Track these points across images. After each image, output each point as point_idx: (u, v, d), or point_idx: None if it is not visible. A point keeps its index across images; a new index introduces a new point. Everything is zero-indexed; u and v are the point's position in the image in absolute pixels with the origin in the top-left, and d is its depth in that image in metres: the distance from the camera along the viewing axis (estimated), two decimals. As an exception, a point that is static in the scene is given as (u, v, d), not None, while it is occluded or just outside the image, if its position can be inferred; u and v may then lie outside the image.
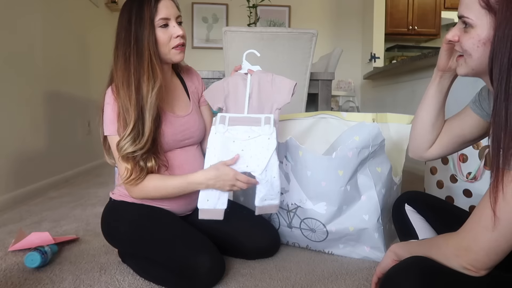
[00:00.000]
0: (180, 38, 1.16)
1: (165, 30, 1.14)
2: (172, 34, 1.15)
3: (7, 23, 2.07)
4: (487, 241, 0.67)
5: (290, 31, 1.92)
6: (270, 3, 3.88)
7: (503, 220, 0.65)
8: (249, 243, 1.25)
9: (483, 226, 0.68)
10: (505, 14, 0.66)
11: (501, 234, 0.66)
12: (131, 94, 1.10)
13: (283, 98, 1.21)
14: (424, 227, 1.06)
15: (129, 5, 1.14)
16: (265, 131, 1.11)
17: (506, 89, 0.66)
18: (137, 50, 1.11)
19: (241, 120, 1.15)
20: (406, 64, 2.98)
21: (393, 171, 1.32)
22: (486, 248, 0.67)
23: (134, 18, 1.12)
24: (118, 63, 1.13)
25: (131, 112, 1.09)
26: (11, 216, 1.84)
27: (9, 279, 1.13)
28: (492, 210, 0.66)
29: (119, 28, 1.15)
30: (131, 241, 1.16)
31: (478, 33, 0.71)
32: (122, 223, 1.18)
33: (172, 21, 1.15)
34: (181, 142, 1.24)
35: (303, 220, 1.31)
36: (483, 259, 0.67)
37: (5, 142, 2.03)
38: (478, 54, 0.72)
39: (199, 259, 1.04)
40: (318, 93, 2.12)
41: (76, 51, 3.02)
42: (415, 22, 4.54)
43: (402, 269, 0.74)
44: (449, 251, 0.72)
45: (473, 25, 0.71)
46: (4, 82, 2.02)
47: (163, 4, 1.13)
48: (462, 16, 0.73)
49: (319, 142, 1.50)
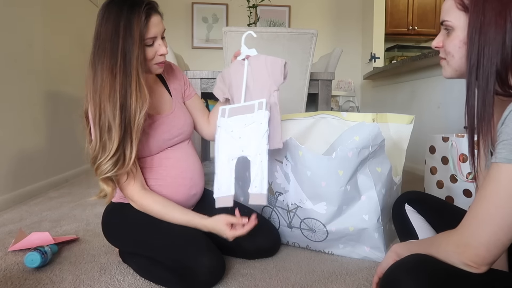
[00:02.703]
0: (163, 56, 1.15)
1: (151, 48, 1.11)
2: (157, 51, 1.12)
3: (7, 23, 2.07)
4: (486, 235, 0.67)
5: (290, 31, 1.92)
6: (270, 3, 3.88)
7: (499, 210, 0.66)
8: (249, 243, 1.25)
9: (480, 220, 0.68)
10: (474, 10, 0.74)
11: (499, 227, 0.66)
12: (116, 112, 1.04)
13: (276, 79, 1.21)
14: (424, 227, 1.06)
15: (116, 13, 1.05)
16: (258, 117, 1.12)
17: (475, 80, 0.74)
18: (125, 67, 1.05)
19: (239, 110, 1.17)
20: (406, 64, 2.98)
21: (393, 171, 1.32)
22: (485, 243, 0.67)
23: (123, 32, 1.04)
24: (101, 74, 1.05)
25: (114, 132, 1.03)
26: (11, 216, 1.84)
27: (9, 279, 1.13)
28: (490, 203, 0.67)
29: (103, 35, 1.06)
30: (132, 241, 1.17)
31: (458, 34, 0.77)
32: (123, 223, 1.19)
33: (158, 38, 1.12)
34: (170, 140, 1.23)
35: (303, 220, 1.31)
36: (483, 254, 0.68)
37: (5, 142, 2.03)
38: (460, 54, 0.79)
39: (199, 259, 1.04)
40: (318, 93, 2.12)
41: (76, 51, 3.02)
42: (415, 22, 4.54)
43: (400, 266, 0.75)
44: (449, 249, 0.72)
45: (453, 27, 0.78)
46: (4, 82, 2.02)
47: (153, 21, 1.08)
48: (443, 21, 0.80)
49: (319, 142, 1.50)
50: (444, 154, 1.73)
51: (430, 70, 2.88)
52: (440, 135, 1.77)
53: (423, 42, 4.89)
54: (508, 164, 0.66)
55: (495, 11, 0.72)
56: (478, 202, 0.70)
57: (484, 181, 0.70)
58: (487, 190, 0.69)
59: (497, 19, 0.72)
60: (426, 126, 2.84)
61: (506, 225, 0.66)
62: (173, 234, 1.12)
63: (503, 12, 0.72)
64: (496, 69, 0.72)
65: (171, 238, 1.11)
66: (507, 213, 0.66)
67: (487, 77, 0.73)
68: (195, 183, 1.27)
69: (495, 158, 0.69)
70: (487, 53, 0.73)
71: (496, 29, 0.72)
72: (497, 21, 0.72)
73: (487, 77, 0.73)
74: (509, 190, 0.66)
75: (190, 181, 1.25)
